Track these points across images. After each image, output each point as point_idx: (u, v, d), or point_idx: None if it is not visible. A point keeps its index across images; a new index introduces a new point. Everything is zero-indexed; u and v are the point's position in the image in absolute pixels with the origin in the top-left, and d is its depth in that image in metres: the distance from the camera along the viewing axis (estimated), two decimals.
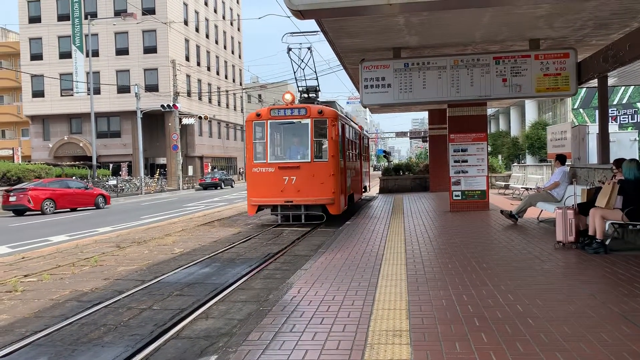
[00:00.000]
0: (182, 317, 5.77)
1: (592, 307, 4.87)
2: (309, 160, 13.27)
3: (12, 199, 21.99)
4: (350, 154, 16.67)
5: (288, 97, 13.76)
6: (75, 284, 7.62)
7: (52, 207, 22.52)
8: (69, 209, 23.62)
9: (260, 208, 13.97)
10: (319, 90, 16.31)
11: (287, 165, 13.42)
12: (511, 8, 8.84)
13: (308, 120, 13.35)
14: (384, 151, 69.67)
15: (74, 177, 31.28)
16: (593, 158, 14.46)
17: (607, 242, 7.47)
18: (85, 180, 30.80)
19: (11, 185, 25.35)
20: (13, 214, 22.46)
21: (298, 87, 16.46)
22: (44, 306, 6.46)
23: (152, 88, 46.84)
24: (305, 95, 16.10)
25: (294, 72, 17.00)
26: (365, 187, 22.67)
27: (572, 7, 8.93)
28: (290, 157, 13.92)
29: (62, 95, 48.23)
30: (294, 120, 13.57)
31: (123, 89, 47.16)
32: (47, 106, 48.91)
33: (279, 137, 14.48)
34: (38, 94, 48.99)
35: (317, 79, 17.59)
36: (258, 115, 13.83)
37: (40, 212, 22.03)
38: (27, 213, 22.27)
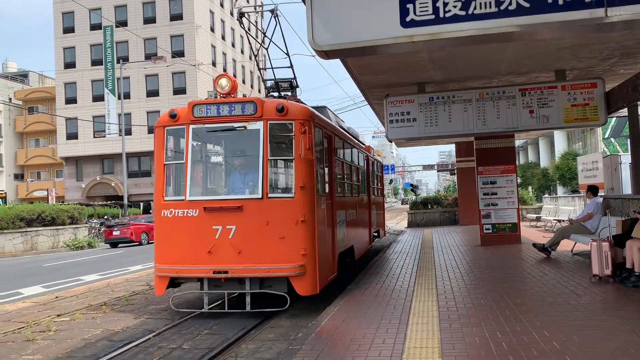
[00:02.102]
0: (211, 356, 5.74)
1: (634, 344, 4.69)
2: (260, 195, 7.30)
3: (115, 233, 26.02)
4: (348, 185, 10.88)
5: (224, 82, 7.80)
6: (106, 323, 7.69)
7: (146, 238, 26.21)
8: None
9: (174, 282, 7.95)
10: (297, 86, 9.68)
11: (219, 206, 7.48)
12: (535, 41, 8.85)
13: (259, 125, 7.50)
14: (412, 185, 69.26)
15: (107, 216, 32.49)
16: (627, 188, 14.13)
17: None
18: None
19: (45, 225, 26.09)
20: (109, 246, 25.98)
21: (263, 81, 10.54)
22: (76, 346, 6.52)
23: None
24: (276, 94, 9.64)
25: (254, 55, 10.68)
26: (377, 233, 15.68)
27: (597, 37, 8.90)
28: (228, 190, 8.06)
29: (94, 137, 49.62)
30: (235, 125, 7.65)
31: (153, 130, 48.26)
32: (81, 148, 50.32)
33: (207, 156, 8.77)
34: (72, 136, 50.50)
35: (291, 67, 9.86)
36: (173, 116, 7.83)
37: (138, 243, 25.81)
38: (120, 245, 25.88)
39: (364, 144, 14.20)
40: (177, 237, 7.61)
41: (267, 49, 10.70)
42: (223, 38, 57.29)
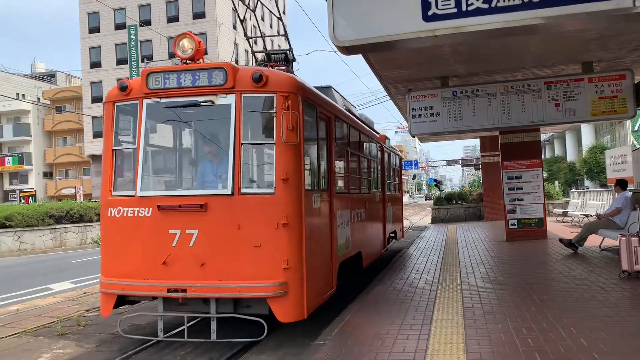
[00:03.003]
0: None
1: None
2: (229, 190, 5.70)
3: None
4: (355, 180, 9.06)
5: (186, 43, 6.12)
6: (132, 318, 7.81)
7: None
8: None
9: (122, 300, 6.25)
10: (294, 59, 7.92)
11: (177, 204, 5.84)
12: (560, 33, 8.69)
13: (230, 99, 5.84)
14: (435, 180, 68.82)
15: None
16: None
17: None
18: None
19: (74, 222, 26.51)
20: None
21: (253, 54, 8.63)
22: (104, 340, 6.64)
23: None
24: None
25: (241, 21, 8.61)
26: (394, 234, 13.73)
27: (625, 28, 8.69)
28: (189, 184, 6.92)
29: None
30: (200, 99, 5.96)
31: None
32: None
33: (166, 138, 7.10)
34: (98, 134, 51.34)
35: (286, 35, 8.54)
36: (124, 89, 6.24)
37: None
38: None
39: (378, 133, 12.28)
40: (126, 243, 5.98)
41: (253, 11, 8.78)
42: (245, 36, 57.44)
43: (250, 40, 8.53)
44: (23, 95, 56.26)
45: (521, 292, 7.05)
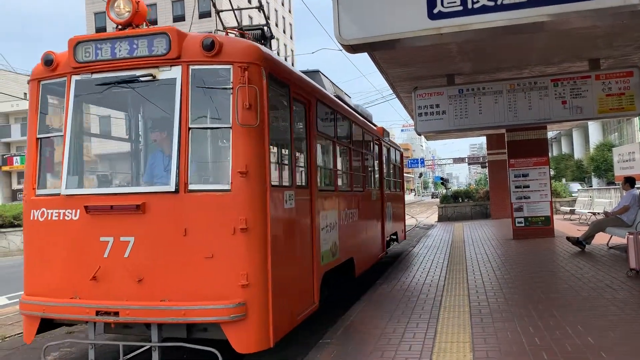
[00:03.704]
0: None
1: None
2: (172, 187, 4.58)
3: None
4: (346, 176, 8.24)
5: (122, 4, 4.96)
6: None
7: None
8: None
9: (47, 323, 5.05)
10: (272, 37, 6.39)
11: (109, 204, 4.72)
12: (567, 30, 8.65)
13: (175, 72, 4.70)
14: (442, 178, 68.61)
15: None
16: None
17: None
18: None
19: None
20: None
21: (224, 30, 6.11)
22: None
23: None
24: None
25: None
26: (395, 235, 12.58)
27: (632, 25, 8.64)
28: (125, 179, 5.96)
29: None
30: (138, 73, 4.78)
31: None
32: None
33: (100, 123, 6.03)
34: None
35: (261, 8, 6.80)
36: (49, 63, 5.06)
37: None
38: None
39: (375, 126, 11.16)
40: (50, 253, 4.87)
41: None
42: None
43: (219, 14, 6.92)
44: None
45: (528, 290, 7.03)
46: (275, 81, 5.02)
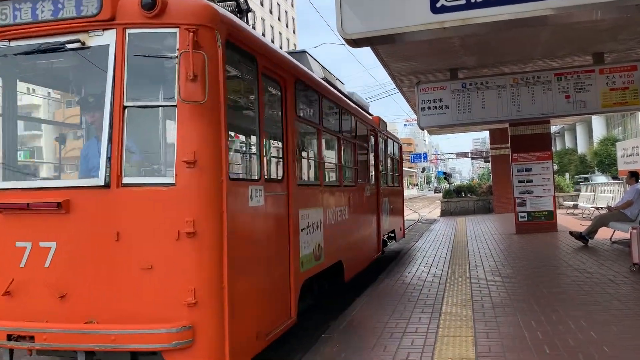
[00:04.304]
0: None
1: None
2: (102, 180, 3.67)
3: None
4: (332, 168, 7.56)
5: None
6: None
7: None
8: None
9: None
10: (249, 10, 5.48)
11: (25, 202, 3.76)
12: (571, 24, 8.62)
13: (108, 36, 3.71)
14: (445, 173, 68.58)
15: None
16: None
17: None
18: None
19: None
20: None
21: None
22: None
23: None
24: None
25: None
26: (393, 233, 11.69)
27: (636, 19, 8.60)
28: (47, 171, 5.62)
29: None
30: (64, 39, 3.76)
31: None
32: None
33: (20, 104, 4.64)
34: None
35: None
36: None
37: None
38: None
39: (371, 115, 10.35)
40: None
41: None
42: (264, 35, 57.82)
43: None
44: (34, 90, 56.66)
45: (531, 285, 7.03)
46: (236, 51, 4.12)
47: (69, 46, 3.76)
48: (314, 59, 7.52)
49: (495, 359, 4.18)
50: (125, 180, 3.65)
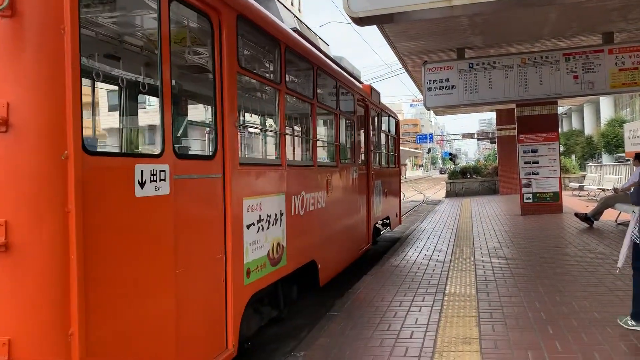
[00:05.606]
0: None
1: None
2: None
3: None
4: (302, 143, 6.78)
5: None
6: None
7: None
8: None
9: None
10: None
11: None
12: (580, 2, 8.49)
13: None
14: (450, 154, 68.23)
15: None
16: None
17: None
18: None
19: None
20: None
21: None
22: None
23: None
24: None
25: None
26: (387, 219, 10.60)
27: None
28: None
29: None
30: None
31: None
32: None
33: None
34: (113, 107, 51.66)
35: None
36: None
37: None
38: None
39: (361, 83, 8.94)
40: None
41: None
42: None
43: None
44: None
45: (535, 265, 7.04)
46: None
47: None
48: (287, 8, 6.33)
49: (499, 339, 4.21)
50: None
